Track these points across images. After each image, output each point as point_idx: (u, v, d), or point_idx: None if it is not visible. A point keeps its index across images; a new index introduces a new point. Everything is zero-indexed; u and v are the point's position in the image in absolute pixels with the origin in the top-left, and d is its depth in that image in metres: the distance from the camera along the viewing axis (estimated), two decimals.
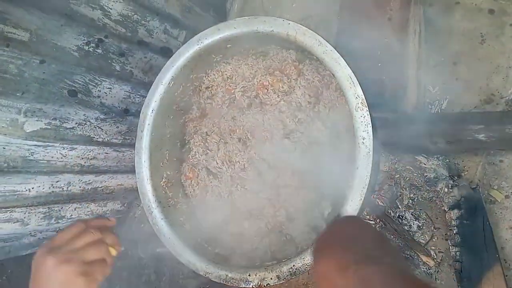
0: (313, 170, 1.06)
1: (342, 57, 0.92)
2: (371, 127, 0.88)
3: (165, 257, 1.84)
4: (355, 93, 0.90)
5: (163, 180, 1.19)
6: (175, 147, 1.25)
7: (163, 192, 1.17)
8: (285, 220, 1.07)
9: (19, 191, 1.37)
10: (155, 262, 1.88)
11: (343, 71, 0.91)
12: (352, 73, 0.91)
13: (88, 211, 1.76)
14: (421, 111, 1.35)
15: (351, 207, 0.88)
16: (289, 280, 0.93)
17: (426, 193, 1.36)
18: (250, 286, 0.96)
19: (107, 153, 1.61)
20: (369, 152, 0.88)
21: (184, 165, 1.24)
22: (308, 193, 1.05)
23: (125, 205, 1.96)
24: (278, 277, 0.93)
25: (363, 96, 0.89)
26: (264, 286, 0.94)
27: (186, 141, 1.26)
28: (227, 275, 0.99)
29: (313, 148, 1.06)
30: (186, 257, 1.05)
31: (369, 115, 0.89)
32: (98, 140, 1.52)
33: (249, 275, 0.96)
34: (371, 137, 0.88)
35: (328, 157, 1.05)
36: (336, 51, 0.92)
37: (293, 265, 0.92)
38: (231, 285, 0.99)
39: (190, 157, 1.23)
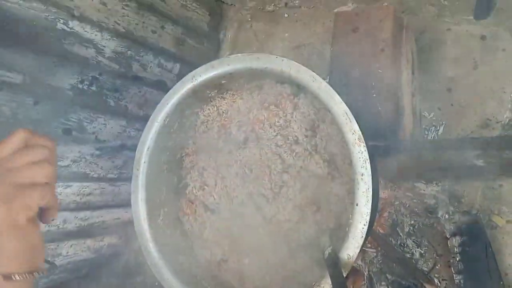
0: (313, 204, 1.04)
1: (337, 93, 0.92)
2: (369, 163, 0.88)
3: None
4: (351, 129, 0.89)
5: (160, 217, 1.17)
6: (172, 182, 1.23)
7: (161, 230, 1.15)
8: (287, 256, 1.05)
9: None
10: None
11: (338, 107, 0.91)
12: (348, 109, 0.90)
13: (85, 247, 1.73)
14: (417, 139, 1.35)
15: (352, 245, 0.87)
16: None
17: (427, 220, 1.35)
18: None
19: (103, 188, 1.59)
20: (368, 189, 0.87)
21: (181, 201, 1.23)
22: (309, 228, 1.04)
23: (122, 238, 1.93)
24: None
25: (359, 131, 0.89)
26: None
27: (183, 176, 1.25)
28: None
29: (312, 181, 1.05)
30: None
31: (366, 151, 0.88)
32: (94, 176, 1.51)
33: None
34: (370, 173, 0.87)
35: (327, 191, 1.04)
36: (330, 87, 0.92)
37: None
38: None
39: (187, 192, 1.22)
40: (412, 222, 1.37)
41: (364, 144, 0.88)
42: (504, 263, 1.26)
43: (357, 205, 0.88)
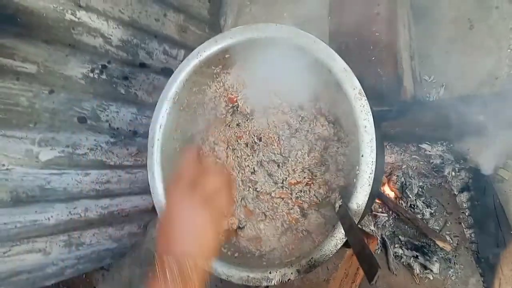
0: (322, 165, 1.09)
1: (336, 53, 0.96)
2: (371, 115, 0.92)
3: None
4: (352, 84, 0.94)
5: None
6: None
7: None
8: (300, 216, 1.10)
9: (39, 220, 1.40)
10: None
11: (338, 66, 0.95)
12: (347, 66, 0.95)
13: (107, 236, 1.79)
14: (419, 100, 1.38)
15: (361, 194, 0.91)
16: (309, 272, 0.95)
17: (434, 180, 1.38)
18: (272, 284, 0.98)
19: (120, 176, 1.65)
20: (372, 139, 0.91)
21: None
22: (319, 189, 1.08)
23: (141, 227, 1.99)
24: (298, 271, 0.95)
25: (360, 86, 0.93)
26: (285, 281, 0.97)
27: None
28: (248, 276, 1.01)
29: (320, 143, 1.10)
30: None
31: (368, 104, 0.92)
32: (110, 163, 1.57)
33: (270, 273, 0.98)
34: (372, 124, 0.91)
35: (334, 151, 1.09)
36: (329, 47, 0.97)
37: (312, 258, 0.94)
38: (253, 285, 1.02)
39: None
40: (420, 183, 1.40)
41: (365, 98, 0.93)
42: None
43: (362, 156, 0.92)
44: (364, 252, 0.74)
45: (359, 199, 0.91)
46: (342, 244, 0.92)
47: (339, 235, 0.92)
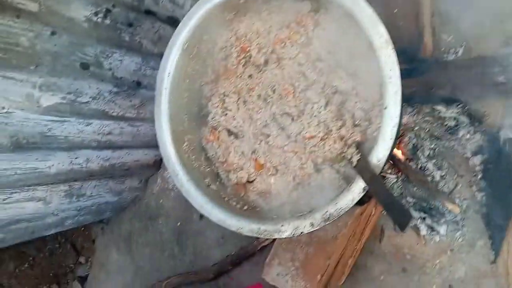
0: (338, 120, 1.05)
1: None
2: (397, 65, 0.87)
3: (186, 230, 1.86)
4: (378, 32, 0.88)
5: (185, 144, 1.17)
6: (193, 111, 1.23)
7: (186, 155, 1.16)
8: (313, 171, 1.07)
9: (39, 168, 1.37)
10: (176, 236, 1.89)
11: (363, 11, 0.90)
12: (373, 12, 0.89)
13: (107, 188, 1.76)
14: (438, 59, 1.33)
15: (382, 147, 0.88)
16: (322, 226, 0.93)
17: (447, 142, 1.35)
18: (284, 236, 0.96)
19: (122, 128, 1.61)
20: (397, 91, 0.87)
21: (203, 129, 1.23)
22: (334, 143, 1.04)
23: (142, 181, 1.97)
24: (312, 224, 0.93)
25: (387, 33, 0.88)
26: (298, 234, 0.95)
27: (204, 105, 1.25)
28: (259, 228, 0.99)
29: (337, 97, 1.05)
30: (216, 215, 1.05)
31: (394, 54, 0.87)
32: (113, 114, 1.52)
33: (282, 226, 0.96)
34: (398, 75, 0.87)
35: (352, 105, 1.04)
36: None
37: (326, 211, 0.92)
38: (264, 237, 1.00)
39: (209, 119, 1.22)
40: (433, 145, 1.37)
41: (392, 46, 0.88)
42: None
43: (386, 107, 0.88)
44: (393, 202, 0.71)
45: (380, 153, 0.88)
46: (358, 199, 0.89)
47: (357, 189, 0.89)
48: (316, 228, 0.93)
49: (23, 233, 1.54)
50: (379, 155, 0.88)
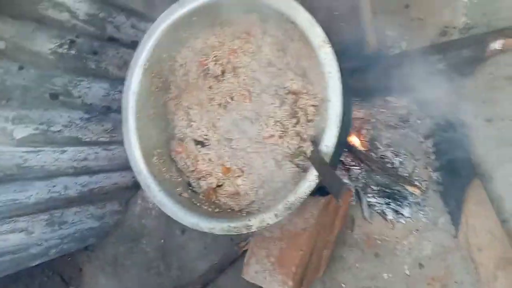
0: (292, 117, 1.13)
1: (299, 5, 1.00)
2: (335, 61, 0.97)
3: (170, 246, 1.91)
4: (315, 33, 0.98)
5: (155, 157, 1.24)
6: (160, 126, 1.31)
7: (157, 168, 1.23)
8: (275, 168, 1.14)
9: (19, 199, 1.41)
10: (161, 253, 1.93)
11: (302, 16, 1.00)
12: (311, 16, 0.99)
13: (88, 214, 1.80)
14: (383, 54, 1.44)
15: (329, 137, 0.96)
16: (286, 216, 1.00)
17: (401, 130, 1.45)
18: (252, 230, 1.03)
19: (96, 153, 1.66)
20: (337, 85, 0.96)
21: (171, 142, 1.30)
22: (291, 140, 1.13)
23: (122, 204, 2.01)
24: (275, 215, 1.01)
25: (323, 35, 0.98)
26: (265, 227, 1.02)
27: (170, 120, 1.32)
28: (229, 226, 1.06)
29: (290, 96, 1.14)
30: (189, 220, 1.11)
31: (332, 51, 0.97)
32: (86, 140, 1.58)
33: (249, 220, 1.03)
34: (337, 69, 0.96)
35: (303, 103, 1.13)
36: (292, 0, 1.01)
37: (287, 201, 0.99)
38: (235, 234, 1.06)
39: (176, 132, 1.30)
40: (389, 135, 1.47)
41: (330, 45, 0.97)
42: (476, 154, 1.36)
43: (329, 101, 0.97)
44: (330, 175, 0.80)
45: (328, 140, 0.96)
46: (314, 185, 0.97)
47: (312, 177, 0.97)
48: (280, 218, 1.00)
49: (9, 265, 1.57)
50: (327, 143, 0.96)
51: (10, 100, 1.26)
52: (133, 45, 1.63)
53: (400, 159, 1.44)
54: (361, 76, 1.41)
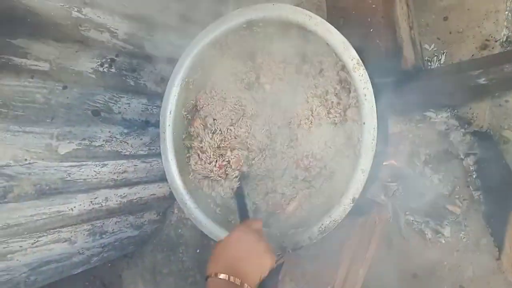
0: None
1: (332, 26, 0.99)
2: (370, 84, 0.95)
3: (205, 257, 1.94)
4: (350, 55, 0.97)
5: (190, 174, 1.27)
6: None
7: (193, 184, 1.25)
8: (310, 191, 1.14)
9: (63, 211, 1.47)
10: (197, 263, 1.97)
11: (335, 38, 0.99)
12: (344, 38, 0.98)
13: (128, 224, 1.86)
14: (421, 69, 1.40)
15: (365, 161, 0.95)
16: (320, 239, 1.00)
17: (440, 146, 1.41)
18: (286, 252, 1.03)
19: (135, 165, 1.71)
20: (372, 107, 0.95)
21: None
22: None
23: (160, 214, 2.06)
24: (309, 238, 1.01)
25: (357, 56, 0.97)
26: (298, 249, 1.02)
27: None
28: None
29: None
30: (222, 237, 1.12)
31: (366, 73, 0.96)
32: (126, 153, 1.63)
33: (283, 242, 1.04)
34: (372, 92, 0.95)
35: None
36: (326, 22, 1.00)
37: (322, 224, 0.99)
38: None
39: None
40: (427, 151, 1.43)
41: (364, 67, 0.96)
42: None
43: (364, 123, 0.96)
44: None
45: (363, 165, 0.95)
46: (349, 209, 0.97)
47: (347, 201, 0.96)
48: (314, 241, 1.00)
49: (53, 273, 1.64)
50: (363, 167, 0.95)
51: (54, 118, 1.32)
52: (170, 61, 1.68)
53: (440, 177, 1.40)
54: (399, 91, 1.38)
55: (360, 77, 0.96)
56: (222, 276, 0.75)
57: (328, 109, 1.09)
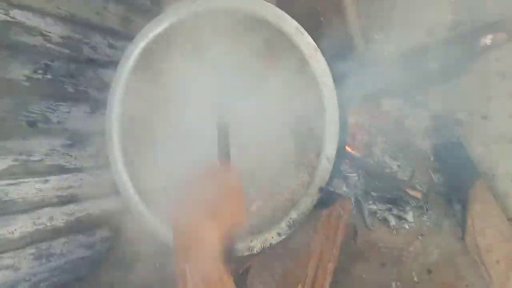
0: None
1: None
2: (328, 69, 0.92)
3: (167, 270, 1.83)
4: (306, 41, 0.93)
5: None
6: None
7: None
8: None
9: (2, 234, 1.34)
10: (158, 277, 1.86)
11: (290, 25, 0.95)
12: (299, 25, 0.94)
13: (78, 243, 1.72)
14: (372, 58, 1.40)
15: (329, 148, 0.91)
16: (289, 234, 0.95)
17: (397, 133, 1.41)
18: (256, 251, 0.97)
19: (81, 179, 1.59)
20: (333, 94, 0.91)
21: None
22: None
23: (113, 230, 1.93)
24: (278, 234, 0.95)
25: (313, 42, 0.93)
26: (267, 247, 0.96)
27: None
28: None
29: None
30: None
31: (323, 59, 0.92)
32: (70, 167, 1.51)
33: (251, 241, 0.98)
34: (331, 79, 0.92)
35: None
36: (278, 9, 0.96)
37: (290, 218, 0.94)
38: (238, 255, 1.01)
39: None
40: (385, 139, 1.43)
41: (320, 53, 0.93)
42: (475, 153, 1.33)
43: (325, 111, 0.92)
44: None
45: (329, 152, 0.91)
46: (317, 199, 0.92)
47: (313, 190, 0.92)
48: (283, 237, 0.95)
49: None
50: (328, 154, 0.91)
51: None
52: (111, 64, 1.58)
53: (398, 163, 1.40)
54: (352, 80, 1.37)
55: (318, 63, 0.93)
56: None
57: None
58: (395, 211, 1.38)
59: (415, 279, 1.36)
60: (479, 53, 1.28)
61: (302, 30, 0.94)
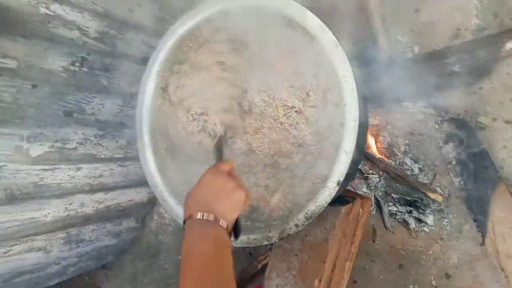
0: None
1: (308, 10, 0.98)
2: (349, 65, 0.94)
3: None
4: (328, 37, 0.96)
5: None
6: None
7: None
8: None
9: (36, 217, 1.41)
10: (179, 269, 1.90)
11: (313, 22, 0.98)
12: (322, 22, 0.97)
13: (105, 231, 1.79)
14: (395, 60, 1.41)
15: (347, 143, 0.94)
16: (306, 225, 0.97)
17: (419, 136, 1.42)
18: (273, 241, 1.00)
19: (112, 169, 1.66)
20: (352, 88, 0.94)
21: None
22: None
23: (139, 221, 2.00)
24: (296, 225, 0.98)
25: (335, 39, 0.96)
26: (285, 237, 0.99)
27: None
28: (249, 238, 1.03)
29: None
30: None
31: (345, 54, 0.95)
32: (101, 156, 1.58)
33: (269, 232, 1.01)
34: (351, 74, 0.94)
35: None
36: (303, 6, 0.99)
37: (308, 210, 0.97)
38: (255, 246, 1.04)
39: None
40: (407, 141, 1.44)
41: (341, 48, 0.95)
42: (498, 158, 1.32)
43: (345, 105, 0.94)
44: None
45: (347, 146, 0.93)
46: (335, 193, 0.95)
47: (332, 184, 0.94)
48: (301, 229, 0.97)
49: (27, 285, 1.56)
50: (346, 148, 0.94)
51: (24, 119, 1.27)
52: (144, 61, 1.64)
53: (420, 166, 1.40)
54: (375, 82, 1.38)
55: (339, 57, 0.95)
56: (197, 215, 0.76)
57: (307, 91, 1.06)
58: (415, 214, 1.38)
59: (434, 283, 1.36)
60: (503, 57, 1.28)
61: (325, 26, 0.97)
